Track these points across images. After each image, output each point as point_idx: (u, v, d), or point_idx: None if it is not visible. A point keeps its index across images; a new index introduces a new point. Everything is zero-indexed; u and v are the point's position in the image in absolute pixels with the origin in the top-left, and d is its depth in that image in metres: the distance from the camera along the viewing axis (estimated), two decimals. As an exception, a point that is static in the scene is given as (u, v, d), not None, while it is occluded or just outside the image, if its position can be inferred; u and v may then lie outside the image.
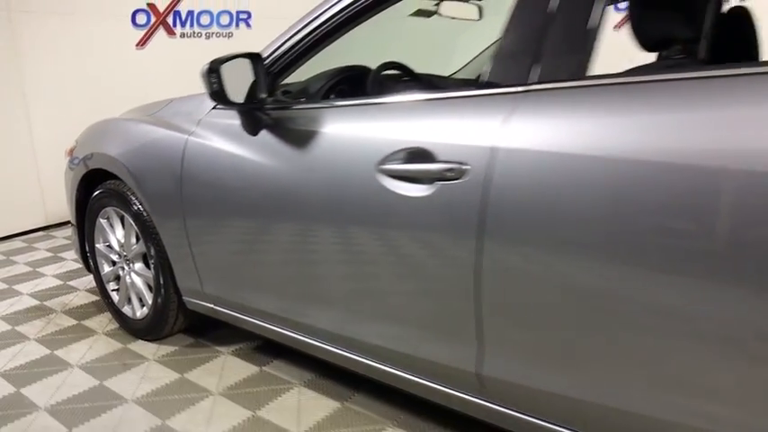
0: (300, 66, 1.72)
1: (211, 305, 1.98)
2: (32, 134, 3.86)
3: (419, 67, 2.12)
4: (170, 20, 4.48)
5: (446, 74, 2.45)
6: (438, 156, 1.25)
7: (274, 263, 1.71)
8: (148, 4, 4.37)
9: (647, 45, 1.33)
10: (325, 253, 1.54)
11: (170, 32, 4.49)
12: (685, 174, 0.96)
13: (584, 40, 1.16)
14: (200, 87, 1.61)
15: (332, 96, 1.89)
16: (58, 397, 1.89)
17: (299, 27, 1.63)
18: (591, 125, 1.09)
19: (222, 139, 1.76)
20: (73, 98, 3.96)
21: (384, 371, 1.54)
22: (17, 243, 3.72)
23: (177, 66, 4.25)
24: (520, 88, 1.19)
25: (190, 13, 4.58)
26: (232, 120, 1.74)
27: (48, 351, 2.22)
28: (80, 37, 4.01)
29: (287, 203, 1.60)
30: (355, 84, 1.92)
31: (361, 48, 2.00)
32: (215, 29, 4.72)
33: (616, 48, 1.78)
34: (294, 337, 1.76)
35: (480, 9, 2.03)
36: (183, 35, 4.56)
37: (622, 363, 1.09)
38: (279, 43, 1.67)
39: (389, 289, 1.44)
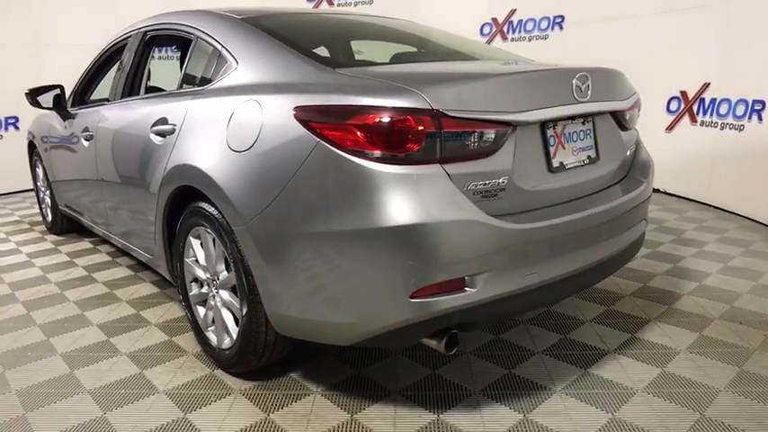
0: (96, 85, 3.54)
1: (64, 209, 3.85)
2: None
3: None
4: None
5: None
6: (84, 129, 3.00)
7: (77, 184, 3.52)
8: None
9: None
10: (93, 181, 3.31)
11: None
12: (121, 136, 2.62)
13: (137, 79, 2.84)
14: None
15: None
16: (-7, 251, 3.84)
17: (87, 68, 3.44)
18: (117, 115, 2.77)
19: (59, 124, 3.60)
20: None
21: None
22: (18, 197, 5.92)
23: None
24: (108, 103, 2.92)
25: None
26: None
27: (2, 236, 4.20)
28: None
29: (76, 154, 3.41)
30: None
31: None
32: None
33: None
34: (92, 227, 3.55)
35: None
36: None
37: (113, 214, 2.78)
38: (82, 75, 3.50)
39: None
